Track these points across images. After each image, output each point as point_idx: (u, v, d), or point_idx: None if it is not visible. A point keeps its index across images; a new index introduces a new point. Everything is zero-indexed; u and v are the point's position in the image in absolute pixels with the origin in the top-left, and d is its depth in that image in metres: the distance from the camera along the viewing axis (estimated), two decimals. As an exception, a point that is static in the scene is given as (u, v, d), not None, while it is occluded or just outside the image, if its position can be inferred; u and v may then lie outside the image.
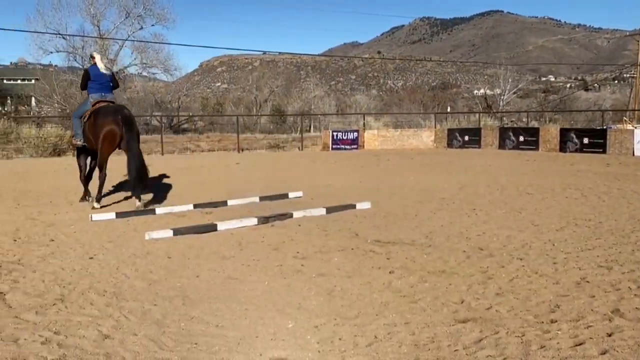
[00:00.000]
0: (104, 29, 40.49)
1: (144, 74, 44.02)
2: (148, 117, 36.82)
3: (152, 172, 14.39)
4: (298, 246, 6.19)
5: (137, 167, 8.68)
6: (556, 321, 3.85)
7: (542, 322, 3.84)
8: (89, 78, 9.24)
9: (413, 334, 3.69)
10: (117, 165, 11.06)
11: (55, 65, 46.25)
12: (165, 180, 12.69)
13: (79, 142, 9.48)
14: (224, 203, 9.05)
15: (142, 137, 28.91)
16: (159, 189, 11.07)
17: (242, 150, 24.18)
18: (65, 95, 35.93)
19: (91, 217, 7.85)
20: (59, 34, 38.44)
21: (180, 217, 8.05)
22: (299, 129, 31.56)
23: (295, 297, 4.46)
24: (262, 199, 9.44)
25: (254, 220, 7.40)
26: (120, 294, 4.59)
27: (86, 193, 9.69)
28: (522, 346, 3.44)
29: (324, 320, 3.97)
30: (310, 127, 40.79)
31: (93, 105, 9.10)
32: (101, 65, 9.31)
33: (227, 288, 4.72)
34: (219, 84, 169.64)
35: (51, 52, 39.73)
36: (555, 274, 4.99)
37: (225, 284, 4.83)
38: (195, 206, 8.71)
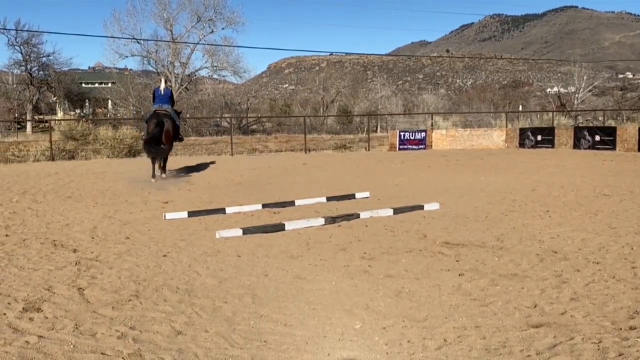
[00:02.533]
0: (176, 33, 41.90)
1: (214, 76, 45.26)
2: (218, 119, 37.71)
3: (222, 173, 14.73)
4: (365, 247, 6.18)
5: (152, 138, 12.60)
6: (635, 328, 3.68)
7: (620, 329, 3.67)
8: (154, 95, 13.82)
9: (484, 338, 3.61)
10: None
11: (130, 69, 48.27)
12: (235, 180, 12.96)
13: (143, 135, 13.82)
14: (292, 203, 9.14)
15: (212, 138, 29.50)
16: (228, 189, 11.32)
17: (309, 150, 24.35)
18: (139, 97, 37.34)
19: (165, 216, 8.10)
20: (134, 38, 40.06)
21: (249, 217, 8.20)
22: (365, 129, 31.48)
23: (362, 298, 4.45)
24: (329, 199, 9.48)
25: (321, 220, 7.44)
26: (192, 291, 4.72)
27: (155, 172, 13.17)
28: (599, 353, 3.30)
29: (392, 321, 3.94)
30: (377, 127, 40.66)
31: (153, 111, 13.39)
32: (162, 87, 13.68)
33: (295, 287, 4.77)
34: (287, 85, 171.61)
35: (126, 57, 41.46)
36: (634, 279, 4.76)
37: (293, 283, 4.88)
38: (263, 206, 8.85)
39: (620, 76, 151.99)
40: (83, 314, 4.16)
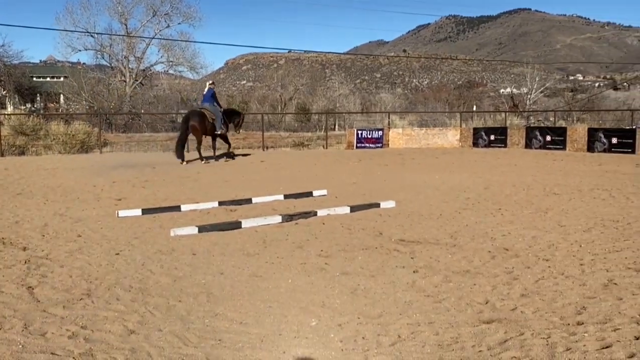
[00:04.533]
0: (131, 27, 41.11)
1: (170, 71, 44.58)
2: (174, 115, 37.13)
3: (177, 170, 14.56)
4: (322, 244, 6.20)
5: (180, 136, 16.63)
6: (582, 323, 3.80)
7: (569, 324, 3.79)
8: (204, 94, 17.37)
9: (437, 334, 3.67)
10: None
11: (84, 63, 47.03)
12: (190, 178, 12.82)
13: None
14: (249, 200, 9.10)
15: (168, 134, 29.09)
16: (183, 186, 11.19)
17: (267, 148, 24.26)
18: (93, 92, 36.44)
19: (118, 213, 7.96)
20: (88, 32, 39.15)
21: (205, 214, 8.13)
22: (323, 127, 31.51)
23: (318, 295, 4.47)
24: (286, 197, 9.47)
25: (279, 218, 7.43)
26: (146, 289, 4.65)
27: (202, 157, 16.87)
28: (548, 348, 3.40)
29: (348, 318, 3.97)
30: (335, 125, 40.74)
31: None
32: (206, 88, 17.31)
33: (251, 285, 4.75)
34: (244, 81, 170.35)
35: (80, 50, 40.52)
36: (582, 276, 4.92)
37: (249, 281, 4.86)
38: (220, 203, 8.79)
39: (571, 78, 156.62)
40: (32, 313, 4.05)
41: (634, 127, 23.18)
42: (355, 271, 5.16)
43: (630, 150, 19.00)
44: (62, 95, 44.99)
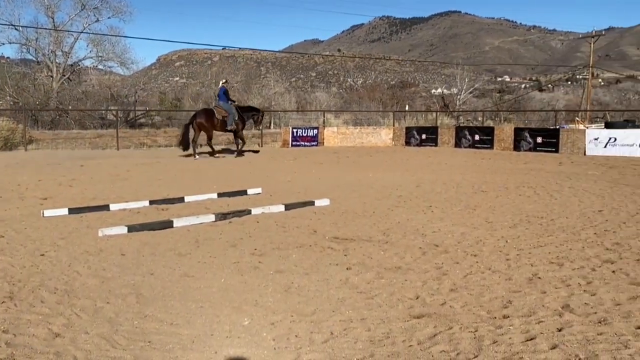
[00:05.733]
0: (58, 20, 39.60)
1: (100, 67, 43.26)
2: (103, 111, 36.00)
3: (107, 168, 14.14)
4: (256, 243, 6.16)
5: (183, 132, 18.11)
6: (508, 317, 3.93)
7: (495, 318, 3.92)
8: (217, 93, 18.55)
9: (369, 330, 3.71)
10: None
11: (8, 57, 44.94)
12: (120, 176, 12.46)
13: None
14: (181, 199, 8.93)
15: (97, 131, 28.18)
16: (113, 185, 10.87)
17: (201, 145, 23.86)
18: (17, 87, 34.87)
19: (43, 213, 7.64)
20: (12, 25, 37.41)
21: (135, 214, 7.92)
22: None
23: (251, 294, 4.43)
24: (220, 195, 9.36)
25: (212, 217, 7.33)
26: (72, 291, 4.48)
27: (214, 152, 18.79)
28: (475, 341, 3.50)
29: (281, 317, 3.96)
30: (270, 123, 40.57)
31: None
32: (220, 86, 18.49)
33: (182, 286, 4.66)
34: (178, 78, 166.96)
35: (3, 44, 38.67)
36: (508, 270, 5.09)
37: (180, 282, 4.77)
38: (151, 202, 8.58)
39: (499, 79, 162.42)
40: (-54, 320, 3.82)
41: (557, 127, 24.28)
42: (289, 269, 5.15)
43: (554, 149, 19.87)
44: (-17, 91, 42.77)
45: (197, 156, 17.69)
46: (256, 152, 20.93)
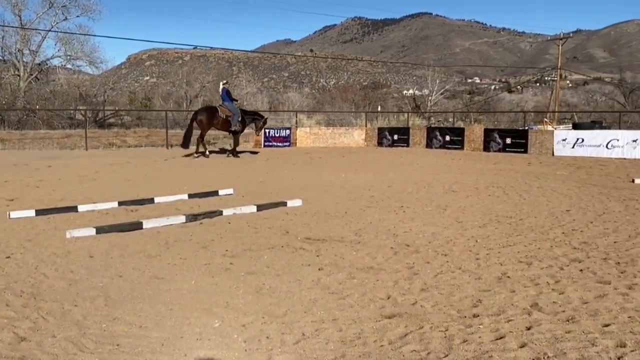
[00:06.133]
0: (25, 19, 38.82)
1: (68, 66, 42.52)
2: (72, 111, 35.39)
3: (75, 169, 13.91)
4: (227, 244, 6.11)
5: (186, 131, 18.42)
6: (478, 315, 3.97)
7: (465, 317, 3.95)
8: (221, 95, 18.25)
9: (340, 331, 3.71)
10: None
11: (-28, 56, 43.77)
12: (89, 177, 12.26)
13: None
14: (151, 200, 8.82)
15: (65, 131, 27.75)
16: (81, 186, 10.69)
17: (172, 146, 23.62)
18: (-18, 86, 34.13)
19: (9, 215, 7.46)
20: (-24, 22, 36.47)
21: (103, 215, 7.79)
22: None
23: (222, 296, 4.39)
24: (191, 196, 9.26)
25: (182, 218, 7.25)
26: (39, 294, 4.39)
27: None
28: (446, 340, 3.52)
29: (252, 318, 3.93)
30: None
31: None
32: (221, 87, 18.43)
33: (151, 288, 4.59)
34: (148, 78, 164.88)
35: (-34, 41, 37.72)
36: (478, 270, 5.14)
37: (150, 284, 4.70)
38: (120, 203, 8.45)
39: (469, 81, 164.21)
40: None
41: (526, 127, 24.65)
42: (260, 270, 5.12)
43: (523, 150, 20.17)
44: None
45: (207, 153, 18.06)
46: (255, 153, 20.59)
